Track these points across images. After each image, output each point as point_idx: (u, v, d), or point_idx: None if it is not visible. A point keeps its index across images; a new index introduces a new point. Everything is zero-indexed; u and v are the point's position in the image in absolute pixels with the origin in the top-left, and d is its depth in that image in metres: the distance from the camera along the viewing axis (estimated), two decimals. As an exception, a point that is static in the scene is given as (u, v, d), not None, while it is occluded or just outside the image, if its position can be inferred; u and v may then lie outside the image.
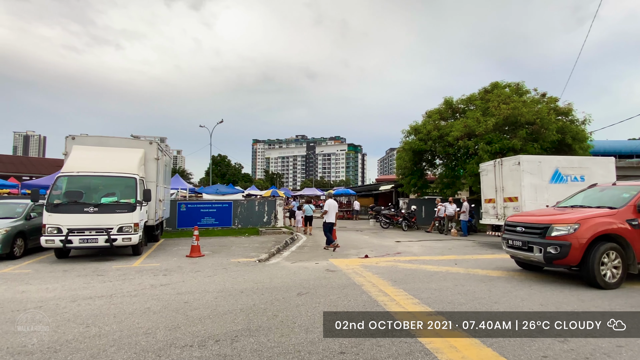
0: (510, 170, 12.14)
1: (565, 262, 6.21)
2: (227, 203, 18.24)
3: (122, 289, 6.21)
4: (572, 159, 12.84)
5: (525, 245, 6.75)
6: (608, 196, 7.25)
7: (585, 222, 6.18)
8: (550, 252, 6.26)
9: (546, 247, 6.30)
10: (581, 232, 6.09)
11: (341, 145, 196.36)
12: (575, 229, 6.15)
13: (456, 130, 19.68)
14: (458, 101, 23.14)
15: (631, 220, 6.31)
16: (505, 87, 21.61)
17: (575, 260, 6.12)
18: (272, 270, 7.92)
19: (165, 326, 4.44)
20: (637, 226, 6.28)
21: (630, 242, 6.19)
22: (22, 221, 9.67)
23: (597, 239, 6.13)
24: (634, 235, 6.24)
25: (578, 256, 6.08)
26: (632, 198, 6.54)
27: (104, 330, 4.34)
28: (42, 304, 5.35)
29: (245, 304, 5.31)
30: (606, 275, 6.09)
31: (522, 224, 7.06)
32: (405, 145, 23.22)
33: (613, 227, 6.19)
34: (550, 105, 19.89)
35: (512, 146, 18.00)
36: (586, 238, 6.04)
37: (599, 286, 6.00)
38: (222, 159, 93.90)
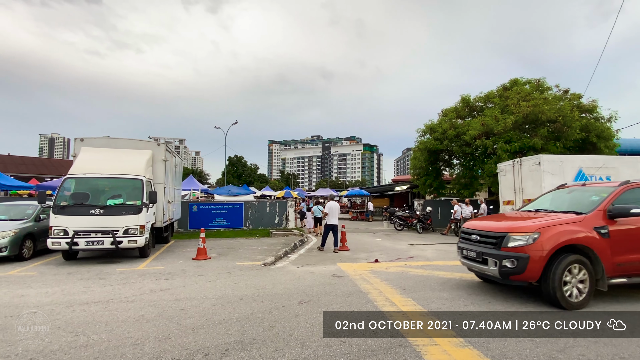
0: (530, 170, 11.53)
1: (523, 277, 5.24)
2: (239, 204, 18.13)
3: (121, 294, 6.06)
4: (596, 158, 12.11)
5: (480, 257, 5.74)
6: (576, 199, 6.33)
7: (546, 231, 5.20)
8: (505, 266, 5.25)
9: (501, 260, 5.30)
10: (541, 243, 5.12)
11: (357, 146, 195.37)
12: (534, 239, 5.17)
13: (473, 129, 19.01)
14: (476, 99, 22.41)
15: (600, 227, 5.33)
16: (525, 84, 20.77)
17: (534, 276, 5.17)
18: (276, 275, 7.65)
19: (156, 336, 4.22)
20: (607, 235, 5.29)
21: (599, 253, 5.22)
22: (31, 223, 9.72)
23: (560, 251, 5.19)
24: (603, 246, 5.25)
25: (537, 271, 5.12)
26: (602, 202, 5.58)
27: (92, 339, 4.15)
28: (37, 310, 5.23)
29: (242, 313, 5.05)
30: (571, 293, 5.15)
31: (477, 232, 6.03)
32: (420, 145, 22.64)
33: (579, 237, 5.22)
34: (573, 103, 18.98)
35: (532, 145, 17.22)
36: (547, 250, 5.09)
37: (561, 306, 5.09)
38: (239, 159, 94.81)
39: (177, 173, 13.89)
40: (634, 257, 5.37)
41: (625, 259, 5.31)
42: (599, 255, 5.21)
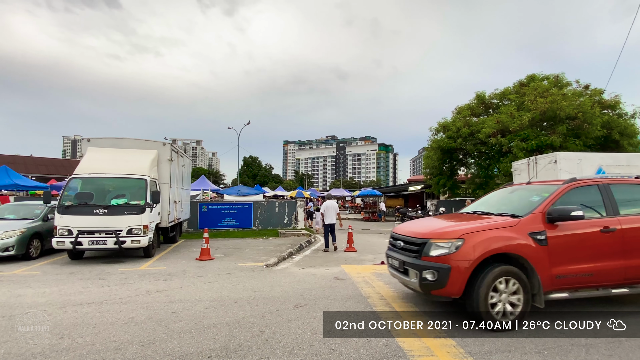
0: (546, 169, 11.00)
1: (445, 292, 4.38)
2: (248, 204, 18.06)
3: (116, 295, 5.98)
4: (618, 156, 11.46)
5: (402, 267, 4.92)
6: (517, 199, 5.53)
7: (472, 237, 4.38)
8: (426, 279, 4.40)
9: (422, 272, 4.46)
10: (465, 251, 4.30)
11: (371, 145, 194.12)
12: (457, 246, 4.34)
13: (488, 127, 18.46)
14: (491, 96, 21.79)
15: (536, 233, 4.46)
16: (543, 80, 20.06)
17: (456, 291, 4.31)
18: (276, 277, 7.46)
19: (140, 341, 4.08)
20: (544, 242, 4.46)
21: (534, 263, 4.37)
22: (39, 222, 9.83)
23: (489, 261, 4.36)
24: (540, 255, 4.41)
25: (460, 284, 4.27)
26: (541, 203, 4.74)
27: (77, 343, 4.04)
28: (30, 311, 5.18)
29: (234, 317, 4.87)
30: (499, 311, 4.28)
31: (402, 237, 5.15)
32: (433, 144, 22.17)
33: (509, 244, 4.40)
34: (594, 98, 18.18)
35: (550, 143, 16.58)
36: (471, 259, 4.26)
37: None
38: (253, 160, 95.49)
39: (185, 173, 13.90)
40: (576, 268, 4.52)
41: (566, 270, 4.48)
42: (534, 265, 4.36)
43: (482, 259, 4.30)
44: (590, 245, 4.65)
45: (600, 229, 4.66)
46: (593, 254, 4.62)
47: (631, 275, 4.71)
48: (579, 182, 5.02)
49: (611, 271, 4.62)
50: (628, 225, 4.75)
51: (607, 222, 4.72)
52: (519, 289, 4.34)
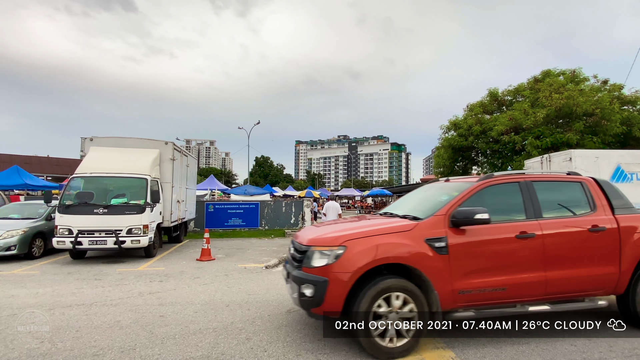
0: (560, 167, 10.49)
1: (323, 310, 3.61)
2: (254, 204, 17.94)
3: (108, 297, 5.85)
4: (638, 154, 10.87)
5: (286, 280, 4.33)
6: (428, 199, 4.77)
7: (356, 245, 3.63)
8: (304, 294, 3.66)
9: (300, 285, 3.71)
10: (345, 261, 3.56)
11: (384, 145, 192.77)
12: (337, 255, 3.59)
13: (500, 124, 17.88)
14: (504, 92, 21.15)
15: (434, 239, 3.71)
16: (559, 75, 19.32)
17: (334, 309, 3.57)
18: (274, 279, 7.24)
19: (121, 347, 3.90)
20: (444, 250, 3.69)
21: (430, 276, 3.62)
22: (42, 222, 9.84)
23: (373, 273, 3.62)
24: (438, 266, 3.66)
25: (338, 302, 3.54)
26: (447, 203, 3.99)
27: (56, 347, 3.89)
28: (17, 312, 5.07)
29: (222, 322, 4.66)
30: (385, 334, 3.52)
31: (293, 244, 4.43)
32: (443, 142, 21.65)
33: (399, 253, 3.64)
34: (613, 94, 17.43)
35: (566, 140, 15.93)
36: (350, 271, 3.52)
37: (371, 354, 3.55)
38: (265, 160, 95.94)
39: (189, 172, 13.82)
40: (484, 282, 3.77)
41: (471, 284, 3.73)
42: (429, 278, 3.61)
43: (365, 270, 3.54)
44: (503, 254, 3.90)
45: (516, 235, 3.91)
46: (506, 265, 3.87)
47: (553, 290, 3.95)
48: (495, 179, 4.29)
49: (529, 285, 3.87)
50: (551, 230, 4.02)
51: (526, 227, 3.97)
52: (411, 307, 3.58)
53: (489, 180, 4.24)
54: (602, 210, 4.27)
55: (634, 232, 4.20)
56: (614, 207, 4.31)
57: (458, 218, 3.78)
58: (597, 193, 4.39)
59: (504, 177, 4.34)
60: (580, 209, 4.29)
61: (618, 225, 4.18)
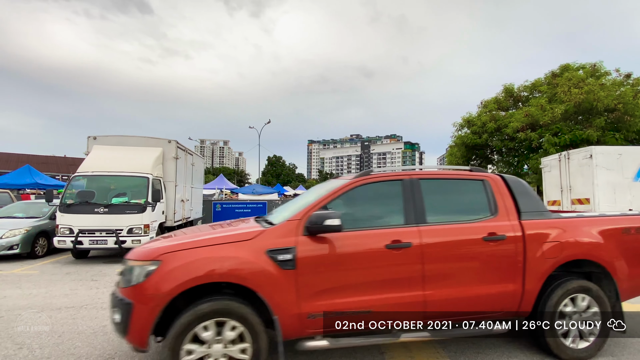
0: (580, 165, 9.92)
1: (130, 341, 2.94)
2: (262, 203, 17.73)
3: (100, 299, 5.65)
4: (666, 151, 10.19)
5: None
6: (303, 198, 4.09)
7: (172, 259, 2.93)
8: (115, 320, 3.06)
9: (112, 309, 3.15)
10: (155, 281, 2.87)
11: (397, 144, 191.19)
12: (148, 272, 2.90)
13: (516, 121, 17.25)
14: (520, 88, 20.44)
15: (278, 251, 3.01)
16: (579, 69, 18.51)
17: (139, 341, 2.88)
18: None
19: (100, 354, 3.68)
20: (290, 264, 2.99)
21: (269, 296, 2.93)
22: (45, 221, 9.81)
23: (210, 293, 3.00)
24: (280, 284, 2.96)
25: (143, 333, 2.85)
26: (307, 205, 3.32)
27: (34, 354, 3.69)
28: (4, 315, 4.92)
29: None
30: None
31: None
32: (456, 140, 21.10)
33: (227, 268, 2.93)
34: (636, 88, 16.58)
35: (586, 137, 15.21)
36: (159, 293, 2.83)
37: None
38: (277, 159, 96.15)
39: (194, 171, 13.67)
40: (342, 303, 3.06)
41: (323, 306, 3.02)
42: (267, 299, 2.93)
43: (178, 292, 2.83)
44: (369, 268, 3.16)
45: (386, 244, 3.17)
46: (372, 281, 3.14)
47: (434, 312, 3.18)
48: (371, 177, 3.54)
49: (402, 305, 3.13)
50: (433, 239, 3.28)
51: (401, 234, 3.23)
52: (244, 337, 2.89)
53: (363, 178, 3.49)
54: (505, 214, 3.48)
55: (543, 241, 3.40)
56: (521, 211, 3.52)
57: (311, 224, 3.08)
58: (501, 194, 3.59)
59: (383, 175, 3.61)
60: (476, 213, 3.51)
61: (523, 232, 3.39)
